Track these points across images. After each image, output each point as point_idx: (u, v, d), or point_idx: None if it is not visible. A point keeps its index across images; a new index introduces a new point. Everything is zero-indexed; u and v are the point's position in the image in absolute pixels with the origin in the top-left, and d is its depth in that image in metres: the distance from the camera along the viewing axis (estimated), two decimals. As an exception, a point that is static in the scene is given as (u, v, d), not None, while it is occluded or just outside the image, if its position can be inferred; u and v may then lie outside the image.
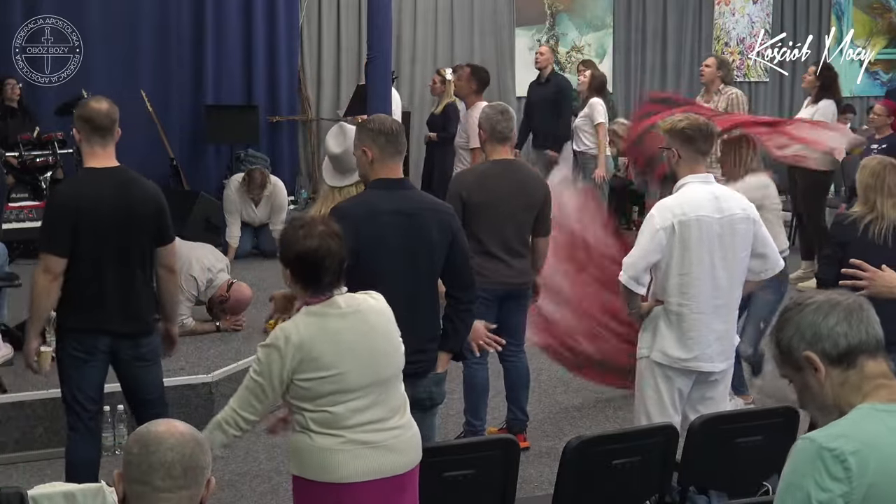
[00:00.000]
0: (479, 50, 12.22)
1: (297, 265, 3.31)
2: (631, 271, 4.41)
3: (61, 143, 9.71)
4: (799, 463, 2.12)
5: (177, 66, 11.13)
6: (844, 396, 2.19)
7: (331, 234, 3.32)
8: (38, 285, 4.32)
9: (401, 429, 3.37)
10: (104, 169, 4.38)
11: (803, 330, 2.22)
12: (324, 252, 3.28)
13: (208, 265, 6.84)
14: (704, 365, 4.46)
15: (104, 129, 4.36)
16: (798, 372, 2.24)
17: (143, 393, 4.54)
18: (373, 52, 6.74)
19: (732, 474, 4.23)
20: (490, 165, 5.33)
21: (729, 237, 4.40)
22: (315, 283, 3.31)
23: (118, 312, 4.38)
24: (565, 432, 5.72)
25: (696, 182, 4.42)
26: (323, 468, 3.28)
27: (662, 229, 4.36)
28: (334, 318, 3.30)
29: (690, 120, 4.47)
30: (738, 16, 13.60)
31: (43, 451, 5.42)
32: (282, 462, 5.54)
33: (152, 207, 4.44)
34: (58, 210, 4.36)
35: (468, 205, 5.11)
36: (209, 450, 2.28)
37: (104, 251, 4.33)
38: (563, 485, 3.87)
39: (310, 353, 3.24)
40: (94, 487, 3.29)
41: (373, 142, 4.07)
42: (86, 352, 4.38)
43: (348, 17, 11.87)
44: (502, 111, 5.38)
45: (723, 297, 4.43)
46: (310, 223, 3.36)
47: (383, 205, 4.00)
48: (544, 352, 6.32)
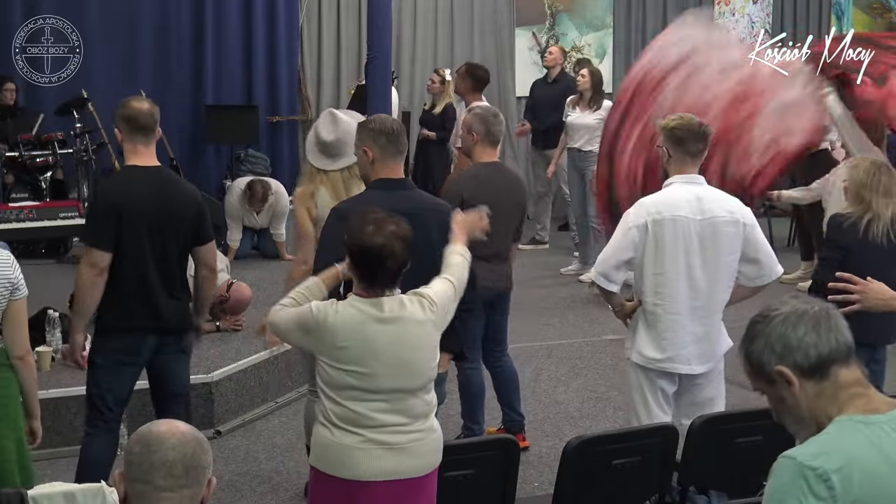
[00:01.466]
0: (479, 50, 12.21)
1: (358, 257, 3.35)
2: (601, 267, 4.43)
3: (61, 143, 9.70)
4: (781, 483, 2.08)
5: (177, 66, 11.13)
6: (821, 408, 2.15)
7: (399, 237, 3.34)
8: (84, 279, 4.33)
9: (422, 432, 3.41)
10: (147, 168, 4.43)
11: (773, 343, 2.16)
12: (388, 252, 3.31)
13: (208, 265, 6.83)
14: (680, 367, 4.43)
15: (146, 128, 4.41)
16: (771, 386, 2.19)
17: (173, 387, 4.58)
18: (373, 52, 6.75)
19: (732, 474, 4.23)
20: (483, 168, 5.34)
21: (710, 239, 4.36)
22: (370, 278, 3.35)
23: (165, 309, 4.41)
24: (565, 432, 5.72)
25: (680, 182, 4.41)
26: (341, 464, 3.33)
27: (635, 227, 4.36)
28: (373, 321, 3.32)
29: (683, 121, 4.44)
30: (738, 16, 13.59)
31: (43, 451, 5.40)
32: (282, 462, 5.54)
33: (192, 208, 4.50)
34: (102, 205, 4.40)
35: (467, 206, 5.11)
36: (210, 450, 2.29)
37: (146, 249, 4.36)
38: (563, 485, 3.88)
39: (337, 343, 3.29)
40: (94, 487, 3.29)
41: (373, 142, 4.07)
42: (130, 354, 4.40)
43: (348, 17, 11.86)
44: (495, 114, 5.43)
45: (701, 299, 4.39)
46: (382, 220, 3.37)
47: (384, 205, 3.99)
48: None
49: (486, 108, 5.50)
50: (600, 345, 7.49)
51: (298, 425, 5.70)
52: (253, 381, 6.20)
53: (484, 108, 5.49)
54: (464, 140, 5.48)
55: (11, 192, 9.26)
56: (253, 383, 6.20)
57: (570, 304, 8.54)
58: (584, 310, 8.33)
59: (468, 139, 5.38)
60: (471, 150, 5.42)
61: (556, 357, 7.23)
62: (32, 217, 8.98)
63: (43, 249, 9.09)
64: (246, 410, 6.10)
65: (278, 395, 6.36)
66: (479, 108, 5.49)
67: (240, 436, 5.87)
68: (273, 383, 6.35)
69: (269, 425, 6.03)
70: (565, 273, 9.43)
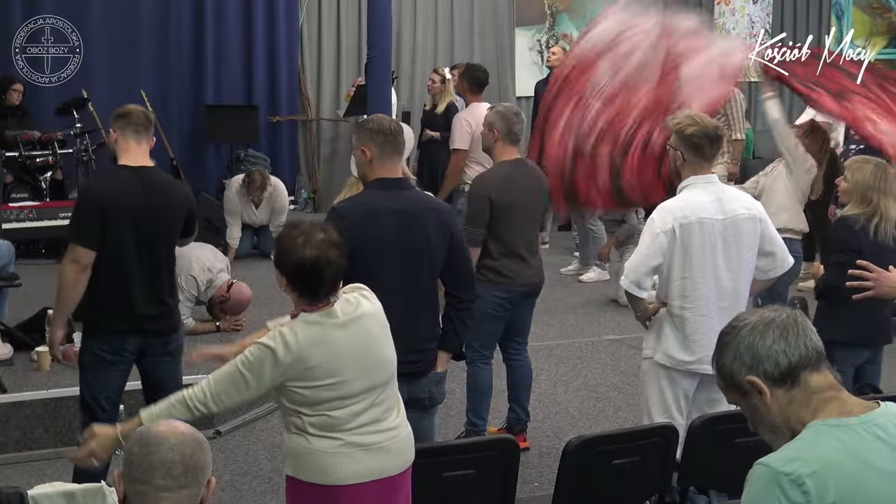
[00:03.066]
0: (479, 50, 12.22)
1: (294, 275, 3.23)
2: (632, 276, 4.40)
3: (61, 143, 9.72)
4: (756, 490, 2.09)
5: (177, 66, 11.14)
6: (794, 414, 2.15)
7: (330, 243, 3.23)
8: (66, 276, 4.33)
9: (396, 429, 3.37)
10: (136, 167, 4.41)
11: (742, 353, 2.17)
12: (323, 262, 3.19)
13: (208, 265, 6.84)
14: (708, 367, 4.44)
15: (139, 125, 4.40)
16: (743, 396, 2.20)
17: (165, 390, 4.55)
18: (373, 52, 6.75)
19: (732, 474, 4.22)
20: (508, 166, 5.33)
21: (733, 238, 4.37)
22: (312, 292, 3.25)
23: (148, 311, 4.40)
24: (565, 432, 5.72)
25: (698, 183, 4.39)
26: (320, 470, 3.26)
27: (663, 233, 4.34)
28: (333, 328, 3.24)
29: (699, 126, 4.37)
30: (738, 16, 13.59)
31: (43, 451, 5.42)
32: (282, 462, 5.51)
33: (182, 209, 4.51)
34: (88, 202, 4.40)
35: (497, 206, 5.15)
36: (209, 450, 2.29)
37: (131, 248, 4.35)
38: (563, 485, 3.87)
39: (306, 364, 3.19)
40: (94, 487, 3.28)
41: (371, 141, 4.07)
42: (114, 353, 4.39)
43: (348, 17, 11.87)
44: (517, 112, 5.42)
45: (728, 300, 4.38)
46: (308, 230, 3.25)
47: (382, 205, 4.00)
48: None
49: (509, 107, 5.50)
50: (600, 345, 7.49)
51: (298, 425, 5.69)
52: (253, 381, 6.19)
53: (507, 107, 5.49)
54: (484, 137, 5.46)
55: (11, 192, 9.27)
56: (253, 383, 6.19)
57: (570, 304, 8.53)
58: (584, 310, 8.34)
59: (489, 136, 5.37)
60: (491, 148, 5.41)
61: (556, 357, 7.23)
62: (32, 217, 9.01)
63: (43, 249, 9.10)
64: (246, 410, 6.09)
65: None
66: (502, 107, 5.49)
67: (240, 436, 5.87)
68: (273, 383, 6.34)
69: (269, 425, 6.03)
70: (565, 273, 9.43)
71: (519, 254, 5.28)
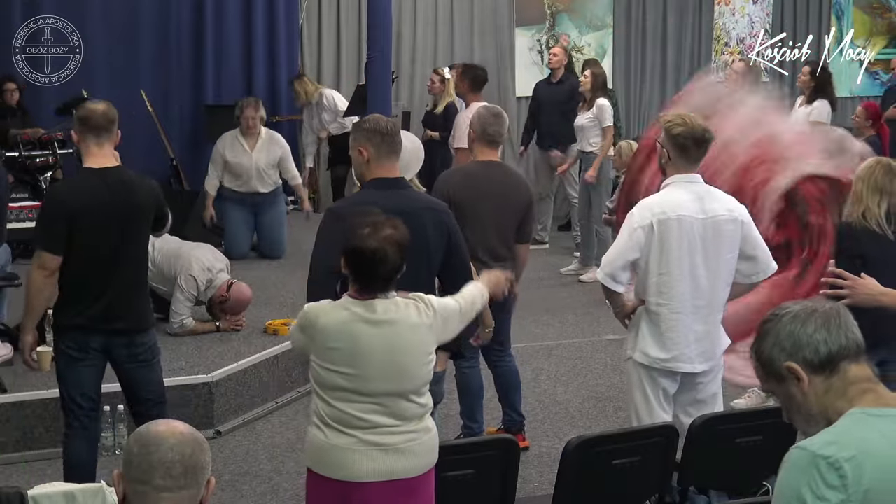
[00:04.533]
0: (479, 50, 12.21)
1: (352, 259, 3.33)
2: (608, 269, 4.42)
3: (61, 143, 9.70)
4: (793, 472, 2.09)
5: (177, 66, 11.12)
6: (830, 403, 2.17)
7: (393, 242, 3.30)
8: (33, 282, 4.39)
9: (416, 433, 3.40)
10: (100, 169, 4.42)
11: (782, 340, 2.19)
12: (380, 257, 3.28)
13: (208, 265, 6.83)
14: (683, 366, 4.43)
15: (99, 128, 4.40)
16: (780, 383, 2.22)
17: (141, 392, 4.57)
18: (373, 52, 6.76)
19: (732, 474, 4.23)
20: (475, 165, 5.34)
21: (712, 238, 4.36)
22: (364, 281, 3.34)
23: (111, 311, 4.42)
24: (565, 432, 5.72)
25: (681, 182, 4.40)
26: (336, 465, 3.33)
27: (641, 227, 4.35)
28: (362, 323, 3.31)
29: (687, 128, 4.37)
30: (738, 16, 13.58)
31: (43, 451, 5.42)
32: (282, 462, 5.54)
33: (150, 208, 4.51)
34: (53, 208, 4.43)
35: (452, 203, 5.10)
36: (209, 450, 2.29)
37: (98, 250, 4.38)
38: (563, 485, 3.88)
39: (326, 343, 3.30)
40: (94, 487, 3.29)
41: (368, 141, 4.07)
42: (79, 350, 4.43)
43: (348, 17, 11.86)
44: (496, 114, 5.37)
45: (704, 298, 4.39)
46: (379, 224, 3.34)
47: (379, 204, 4.00)
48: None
49: (490, 108, 5.48)
50: (600, 345, 7.49)
51: (298, 425, 5.70)
52: (253, 381, 6.20)
53: (487, 108, 5.48)
54: (468, 137, 5.51)
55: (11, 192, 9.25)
56: (253, 383, 6.20)
57: (570, 304, 8.53)
58: (584, 310, 8.33)
59: (469, 136, 5.42)
60: (471, 148, 5.46)
61: (556, 357, 7.23)
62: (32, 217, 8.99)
63: (43, 249, 9.08)
64: (246, 410, 6.10)
65: (278, 395, 6.36)
66: (482, 107, 5.48)
67: (240, 436, 5.87)
68: (273, 383, 6.35)
69: (269, 425, 6.03)
70: (565, 273, 9.43)
71: (479, 257, 4.98)
